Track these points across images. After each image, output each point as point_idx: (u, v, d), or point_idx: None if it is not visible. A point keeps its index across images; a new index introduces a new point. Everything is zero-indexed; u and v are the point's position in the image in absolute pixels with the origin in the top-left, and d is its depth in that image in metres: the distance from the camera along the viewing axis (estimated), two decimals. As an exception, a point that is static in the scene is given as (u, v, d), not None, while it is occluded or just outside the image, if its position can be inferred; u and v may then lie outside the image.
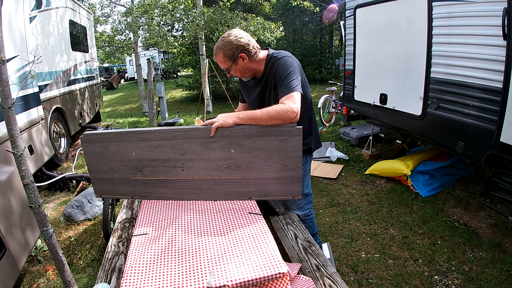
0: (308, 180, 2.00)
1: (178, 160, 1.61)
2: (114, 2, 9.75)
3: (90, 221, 3.12)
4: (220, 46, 1.63)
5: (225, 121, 1.49)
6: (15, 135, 1.32)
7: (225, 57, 1.63)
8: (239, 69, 1.67)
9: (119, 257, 1.57)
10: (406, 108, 3.25)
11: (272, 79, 1.67)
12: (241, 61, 1.64)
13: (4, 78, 1.24)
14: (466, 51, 2.49)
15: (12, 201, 2.25)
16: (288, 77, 1.56)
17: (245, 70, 1.69)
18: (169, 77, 22.02)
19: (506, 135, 2.20)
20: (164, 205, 1.69)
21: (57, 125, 4.70)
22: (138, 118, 9.01)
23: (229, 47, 1.60)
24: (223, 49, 1.62)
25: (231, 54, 1.61)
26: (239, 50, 1.60)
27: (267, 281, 1.13)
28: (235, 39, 1.60)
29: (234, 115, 1.51)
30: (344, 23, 4.38)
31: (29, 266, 2.48)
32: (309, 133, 1.87)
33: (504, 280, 2.17)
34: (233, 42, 1.60)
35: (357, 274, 2.30)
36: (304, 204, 1.98)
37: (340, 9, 12.82)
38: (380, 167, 3.84)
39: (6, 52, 1.26)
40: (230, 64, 1.65)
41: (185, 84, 13.96)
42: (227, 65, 1.66)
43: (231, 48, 1.60)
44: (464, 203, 3.15)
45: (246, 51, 1.62)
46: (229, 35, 1.62)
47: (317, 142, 1.96)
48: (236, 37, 1.60)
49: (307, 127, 1.80)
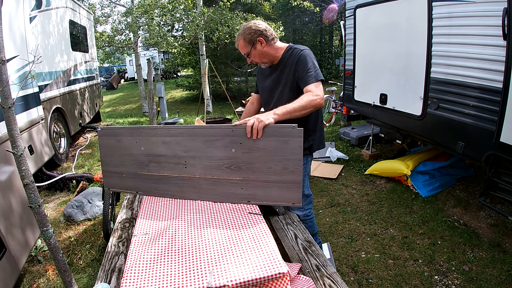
0: (307, 181, 2.01)
1: (182, 157, 1.67)
2: (114, 2, 9.75)
3: (90, 221, 3.12)
4: (240, 32, 1.80)
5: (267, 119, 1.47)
6: (15, 135, 1.33)
7: (244, 42, 1.79)
8: (257, 53, 1.80)
9: (119, 257, 1.57)
10: (406, 108, 3.25)
11: (292, 68, 1.76)
12: (259, 45, 1.78)
13: (4, 78, 1.24)
14: (466, 51, 2.49)
15: (12, 201, 2.25)
16: (313, 67, 1.70)
17: (263, 54, 1.81)
18: (169, 77, 22.02)
19: (506, 135, 2.20)
20: (164, 205, 1.69)
21: (57, 125, 4.70)
22: (138, 118, 9.00)
23: (248, 31, 1.77)
24: (243, 35, 1.78)
25: (250, 38, 1.76)
26: (257, 34, 1.76)
27: (267, 281, 1.13)
28: (254, 25, 1.78)
29: (270, 113, 1.51)
30: (344, 23, 4.38)
31: (29, 266, 2.48)
32: (314, 130, 1.90)
33: (504, 280, 2.17)
34: (252, 27, 1.77)
35: (357, 274, 2.30)
36: (305, 205, 1.98)
37: (340, 9, 12.82)
38: (380, 167, 3.84)
39: (6, 52, 1.26)
40: (249, 49, 1.79)
41: (185, 84, 13.97)
42: (246, 50, 1.80)
43: (250, 33, 1.76)
44: (464, 203, 3.15)
45: (264, 36, 1.77)
46: (248, 23, 1.81)
47: (320, 142, 1.97)
48: (255, 23, 1.79)
49: (313, 123, 1.87)
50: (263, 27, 1.78)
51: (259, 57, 1.83)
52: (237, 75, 13.36)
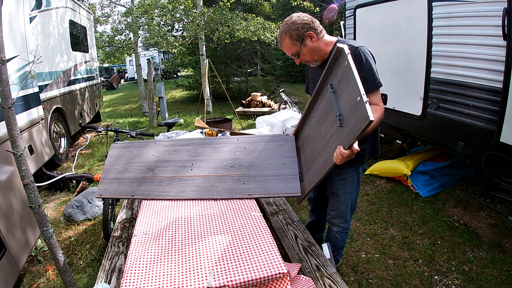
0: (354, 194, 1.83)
1: (189, 161, 1.81)
2: (114, 2, 9.76)
3: (90, 221, 3.12)
4: (284, 30, 1.54)
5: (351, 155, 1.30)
6: (15, 135, 1.32)
7: (292, 40, 1.53)
8: (308, 50, 1.55)
9: (119, 257, 1.58)
10: (406, 108, 3.25)
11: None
12: (310, 41, 1.53)
13: (4, 78, 1.24)
14: (466, 51, 2.49)
15: (12, 201, 2.25)
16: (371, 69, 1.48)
17: (314, 51, 1.57)
18: (169, 77, 22.00)
19: (506, 135, 2.20)
20: (164, 205, 1.69)
21: (57, 125, 4.70)
22: (138, 118, 9.00)
23: (295, 27, 1.51)
24: (289, 32, 1.52)
25: (298, 34, 1.51)
26: (305, 28, 1.51)
27: (267, 281, 1.13)
28: (299, 19, 1.52)
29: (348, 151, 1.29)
30: (344, 23, 4.37)
31: (29, 266, 2.48)
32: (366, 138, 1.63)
33: (504, 280, 2.17)
34: (297, 21, 1.52)
35: (357, 274, 2.30)
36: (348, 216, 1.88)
37: (340, 9, 12.81)
38: (380, 167, 3.84)
39: (6, 52, 1.26)
40: (298, 46, 1.54)
41: (185, 84, 13.96)
42: (295, 48, 1.55)
43: (297, 28, 1.51)
44: (464, 203, 3.15)
45: (313, 28, 1.53)
46: (291, 18, 1.55)
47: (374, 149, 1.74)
48: (299, 17, 1.54)
49: None
50: (310, 19, 1.53)
51: (310, 55, 1.57)
52: (237, 75, 13.37)
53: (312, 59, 1.60)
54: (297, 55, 1.58)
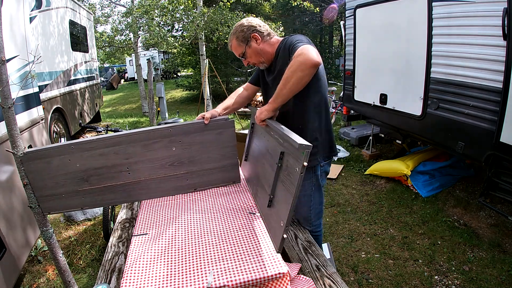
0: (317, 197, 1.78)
1: (123, 165, 1.64)
2: (114, 2, 9.75)
3: (90, 221, 3.12)
4: (232, 32, 1.66)
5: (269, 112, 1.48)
6: (15, 135, 1.32)
7: (237, 41, 1.63)
8: (253, 52, 1.64)
9: (119, 257, 1.57)
10: (406, 108, 3.25)
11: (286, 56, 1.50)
12: (254, 43, 1.62)
13: (4, 78, 1.24)
14: (466, 51, 2.49)
15: (12, 201, 2.25)
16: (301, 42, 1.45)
17: (259, 53, 1.64)
18: (169, 77, 22.00)
19: (506, 135, 2.20)
20: (164, 205, 1.70)
21: (57, 125, 4.69)
22: (138, 118, 9.00)
23: (240, 29, 1.62)
24: (236, 33, 1.63)
25: (244, 36, 1.62)
26: (250, 30, 1.61)
27: (267, 281, 1.13)
28: (246, 22, 1.64)
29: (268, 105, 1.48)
30: (344, 23, 4.37)
31: (29, 266, 2.48)
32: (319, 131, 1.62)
33: (504, 280, 2.17)
34: (244, 24, 1.63)
35: (357, 274, 2.30)
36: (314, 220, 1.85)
37: (340, 9, 12.81)
38: (380, 167, 3.84)
39: (6, 52, 1.25)
40: (244, 48, 1.63)
41: (185, 84, 13.94)
42: (241, 49, 1.64)
43: (242, 30, 1.62)
44: (464, 203, 3.15)
45: (258, 31, 1.62)
46: (241, 21, 1.67)
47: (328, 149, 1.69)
48: (247, 20, 1.66)
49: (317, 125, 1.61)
50: (256, 23, 1.63)
51: (255, 57, 1.65)
52: (237, 75, 13.35)
53: (258, 61, 1.68)
54: (243, 56, 1.67)
